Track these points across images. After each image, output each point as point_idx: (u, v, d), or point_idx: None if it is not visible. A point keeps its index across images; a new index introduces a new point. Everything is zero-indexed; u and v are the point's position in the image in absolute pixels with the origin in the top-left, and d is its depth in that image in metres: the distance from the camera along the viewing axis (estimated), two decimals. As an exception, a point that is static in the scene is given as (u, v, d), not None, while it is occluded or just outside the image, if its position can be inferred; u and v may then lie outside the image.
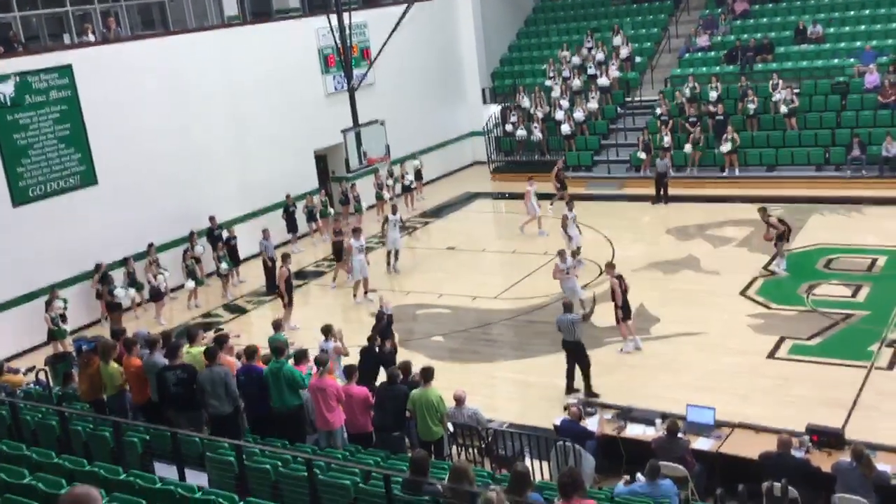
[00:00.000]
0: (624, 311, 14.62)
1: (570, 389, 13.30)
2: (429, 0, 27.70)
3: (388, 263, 20.25)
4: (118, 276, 18.75)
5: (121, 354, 10.93)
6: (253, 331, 17.25)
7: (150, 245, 19.33)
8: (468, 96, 30.14)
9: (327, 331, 13.18)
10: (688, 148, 24.35)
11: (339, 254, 19.71)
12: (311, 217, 22.94)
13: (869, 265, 17.33)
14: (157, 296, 18.79)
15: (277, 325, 13.44)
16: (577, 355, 13.29)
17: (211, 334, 12.37)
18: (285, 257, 17.60)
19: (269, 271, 19.69)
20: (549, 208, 22.81)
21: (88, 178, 18.93)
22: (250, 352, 10.92)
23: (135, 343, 10.94)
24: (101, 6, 21.86)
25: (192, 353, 11.05)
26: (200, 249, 19.98)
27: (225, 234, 20.64)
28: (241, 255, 20.99)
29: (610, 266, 15.40)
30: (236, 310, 19.19)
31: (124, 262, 19.05)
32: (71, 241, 18.38)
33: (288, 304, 17.22)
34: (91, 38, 20.12)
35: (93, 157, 18.96)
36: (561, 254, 16.26)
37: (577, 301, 16.07)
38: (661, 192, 23.10)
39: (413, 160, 26.25)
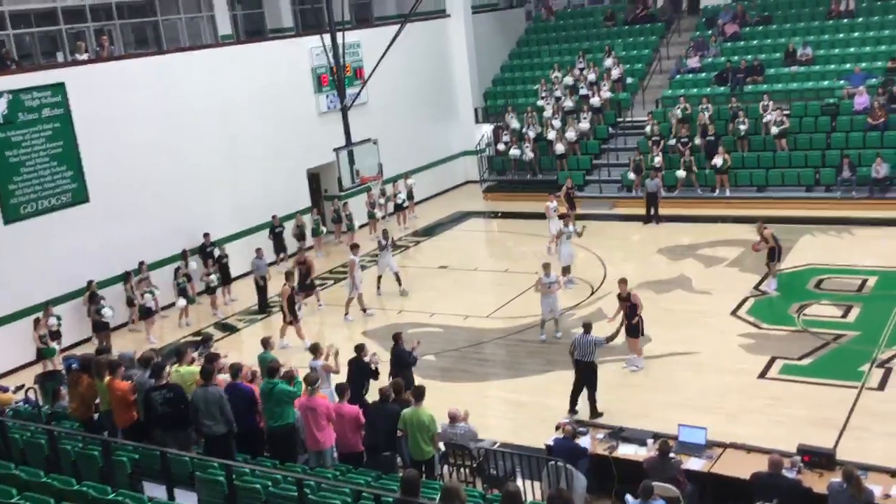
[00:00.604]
0: (636, 328, 14.56)
1: (572, 411, 13.16)
2: (422, 20, 27.88)
3: (378, 287, 20.05)
4: (109, 293, 18.67)
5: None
6: (244, 349, 17.18)
7: (142, 263, 19.31)
8: (461, 116, 30.25)
9: (315, 349, 13.17)
10: (681, 173, 24.40)
11: (305, 284, 18.78)
12: (300, 237, 22.87)
13: (859, 286, 17.39)
14: (146, 314, 18.73)
15: (266, 343, 13.37)
16: (588, 377, 13.11)
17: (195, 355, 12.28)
18: (288, 275, 17.57)
19: (262, 290, 19.60)
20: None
21: (80, 195, 18.91)
22: (235, 370, 10.90)
23: (119, 365, 10.88)
24: (94, 25, 21.93)
25: (181, 372, 11.02)
26: (193, 266, 19.96)
27: (217, 252, 20.62)
28: (234, 274, 20.95)
29: (623, 281, 15.00)
30: (227, 328, 19.14)
31: (125, 276, 19.10)
32: (62, 258, 18.33)
33: (294, 321, 17.12)
34: (84, 56, 20.16)
35: (85, 175, 18.94)
36: (546, 267, 16.27)
37: (553, 320, 16.16)
38: (653, 212, 23.19)
39: (406, 179, 26.29)
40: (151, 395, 10.21)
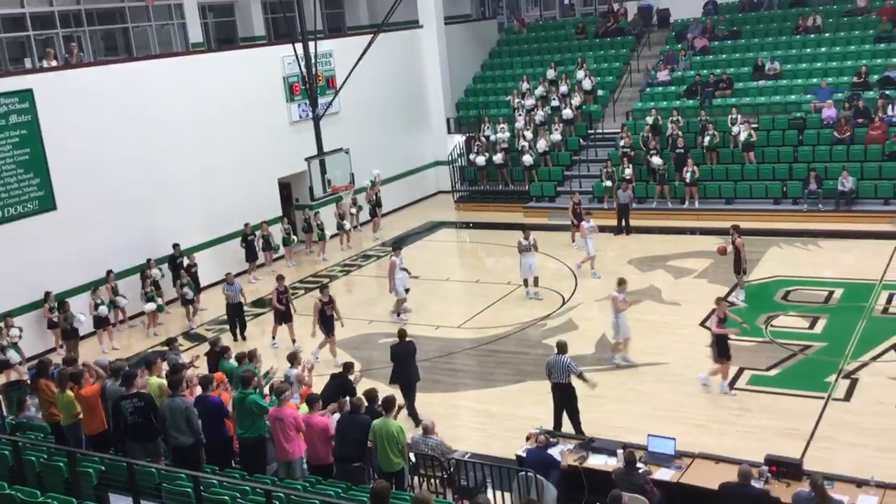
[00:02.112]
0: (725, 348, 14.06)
1: (558, 429, 12.78)
2: (395, 31, 27.91)
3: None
4: (76, 302, 18.46)
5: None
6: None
7: (110, 272, 19.10)
8: (433, 126, 30.31)
9: (292, 358, 13.12)
10: (661, 189, 24.57)
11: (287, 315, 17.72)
12: (266, 246, 22.73)
13: (826, 297, 17.61)
14: (103, 323, 18.55)
15: (241, 358, 13.21)
16: (566, 399, 12.76)
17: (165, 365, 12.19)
18: (322, 288, 16.77)
19: (237, 316, 18.62)
20: (571, 245, 22.56)
21: (47, 203, 18.68)
22: (205, 382, 10.80)
23: (81, 375, 10.74)
24: (63, 31, 21.74)
25: (150, 382, 10.91)
26: (157, 273, 19.73)
27: (185, 261, 20.44)
28: (203, 283, 20.79)
29: (720, 301, 14.47)
30: (196, 338, 18.96)
31: (106, 277, 18.99)
32: (28, 266, 18.10)
33: (327, 336, 16.47)
34: (53, 63, 19.96)
35: (52, 183, 18.72)
36: (621, 283, 15.49)
37: (626, 340, 15.42)
38: (623, 223, 23.34)
39: (372, 173, 26.04)
40: (121, 404, 10.09)
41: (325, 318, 16.39)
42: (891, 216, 21.98)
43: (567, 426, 12.73)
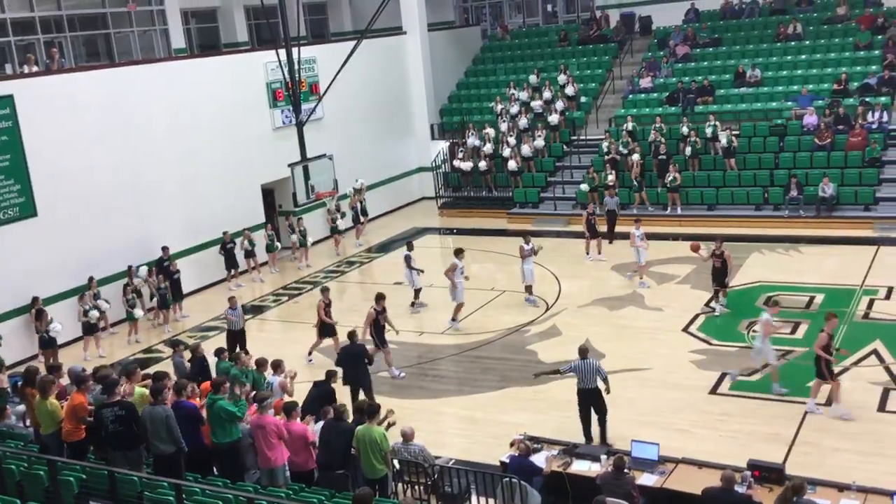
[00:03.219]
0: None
1: (590, 438, 12.55)
2: (378, 37, 27.93)
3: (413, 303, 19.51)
4: (57, 309, 18.30)
5: (61, 391, 10.68)
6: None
7: (91, 279, 18.96)
8: (416, 132, 30.32)
9: (276, 365, 13.07)
10: (640, 196, 24.64)
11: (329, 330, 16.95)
12: (248, 254, 22.55)
13: (807, 303, 17.73)
14: (90, 330, 18.40)
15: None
16: (597, 404, 12.54)
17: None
18: (379, 297, 15.90)
19: (238, 342, 16.98)
20: (599, 258, 21.86)
21: (28, 209, 18.53)
22: (179, 387, 10.76)
23: (86, 380, 10.67)
24: (44, 37, 21.63)
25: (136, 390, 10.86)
26: (140, 280, 19.58)
27: (171, 267, 20.34)
28: (186, 290, 20.69)
29: (831, 315, 13.80)
30: (178, 345, 18.79)
31: (88, 284, 18.81)
32: (9, 273, 17.95)
33: (381, 347, 15.84)
34: (34, 68, 19.83)
35: (33, 189, 18.58)
36: (773, 304, 14.72)
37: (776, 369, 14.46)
38: (610, 230, 23.09)
39: (356, 183, 26.07)
40: (102, 413, 10.03)
41: (378, 328, 15.74)
42: (871, 222, 22.18)
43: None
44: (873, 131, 23.69)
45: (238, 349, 16.24)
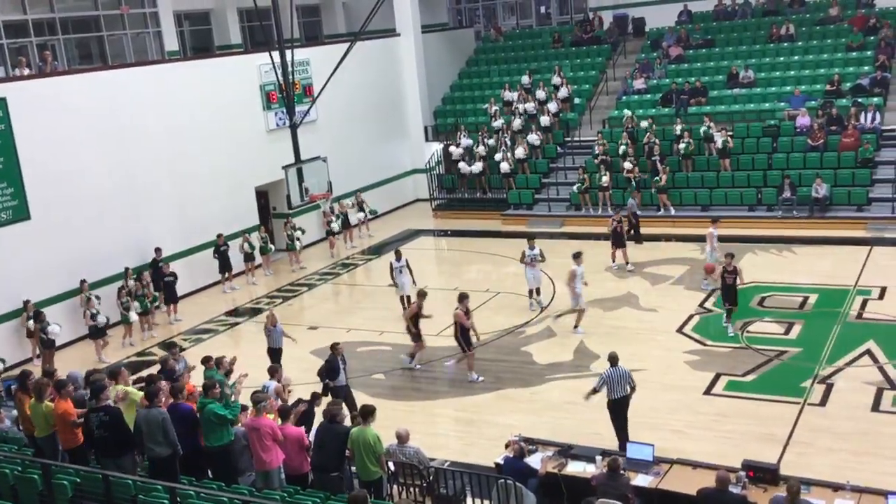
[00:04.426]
0: None
1: (623, 446, 12.05)
2: (372, 39, 27.93)
3: (404, 308, 18.67)
4: (53, 311, 18.25)
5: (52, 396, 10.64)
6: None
7: (83, 281, 18.90)
8: (410, 134, 30.32)
9: (274, 371, 13.04)
10: (634, 199, 24.48)
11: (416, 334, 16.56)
12: (248, 256, 22.45)
13: (801, 303, 17.76)
14: (98, 333, 18.34)
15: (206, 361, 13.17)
16: (624, 410, 12.35)
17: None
18: (462, 298, 15.66)
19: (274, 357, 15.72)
20: (627, 269, 20.72)
21: (21, 212, 18.48)
22: (176, 390, 10.74)
23: (65, 385, 10.63)
24: (37, 39, 21.57)
25: (130, 393, 10.85)
26: (133, 283, 19.52)
27: (166, 269, 20.31)
28: (182, 291, 20.66)
29: None
30: (172, 347, 18.76)
31: (80, 287, 18.77)
32: (2, 276, 17.90)
33: (467, 350, 15.61)
34: (26, 71, 19.78)
35: (26, 192, 18.53)
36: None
37: None
38: (635, 232, 22.69)
39: (359, 198, 26.17)
40: (89, 417, 10.01)
41: (463, 330, 15.49)
42: (864, 222, 22.24)
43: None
44: (866, 132, 23.75)
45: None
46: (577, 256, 17.58)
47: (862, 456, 11.83)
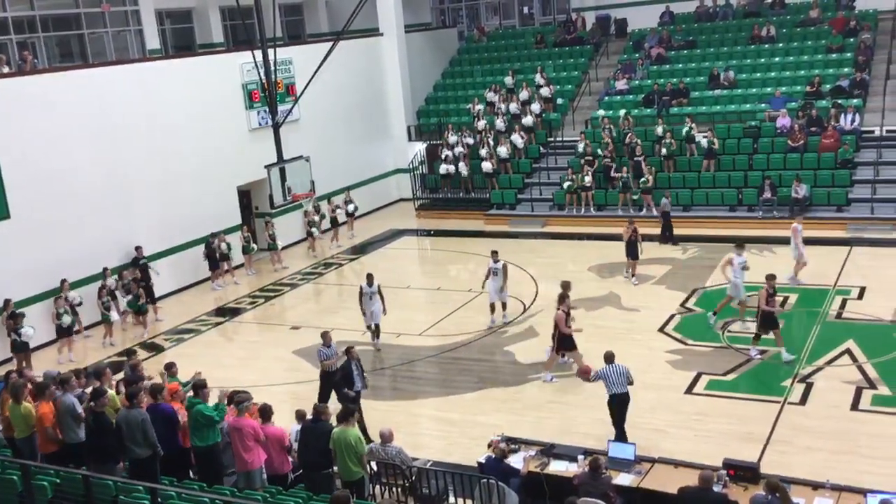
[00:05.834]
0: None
1: (625, 438, 12.00)
2: (355, 38, 27.88)
3: (372, 333, 17.51)
4: (28, 312, 18.10)
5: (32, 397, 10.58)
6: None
7: (63, 281, 18.77)
8: (394, 134, 30.30)
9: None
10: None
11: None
12: (223, 256, 22.30)
13: (781, 303, 17.83)
14: (65, 332, 18.22)
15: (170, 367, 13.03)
16: (624, 407, 12.40)
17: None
18: (562, 298, 15.18)
19: (330, 383, 14.18)
20: (632, 281, 19.94)
21: (1, 211, 18.32)
22: (155, 390, 10.69)
23: (46, 387, 10.57)
24: (17, 37, 21.39)
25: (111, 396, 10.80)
26: (112, 283, 19.40)
27: (149, 270, 20.21)
28: (162, 291, 20.56)
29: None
30: (153, 348, 18.72)
31: (60, 287, 18.65)
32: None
33: (569, 351, 15.12)
34: (6, 69, 19.62)
35: (6, 190, 18.37)
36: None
37: None
38: (668, 232, 22.55)
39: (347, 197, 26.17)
40: (88, 417, 9.97)
41: (563, 335, 14.91)
42: (844, 223, 22.43)
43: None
44: (845, 133, 23.95)
45: (327, 396, 13.94)
46: (739, 245, 17.28)
47: (841, 455, 11.92)
